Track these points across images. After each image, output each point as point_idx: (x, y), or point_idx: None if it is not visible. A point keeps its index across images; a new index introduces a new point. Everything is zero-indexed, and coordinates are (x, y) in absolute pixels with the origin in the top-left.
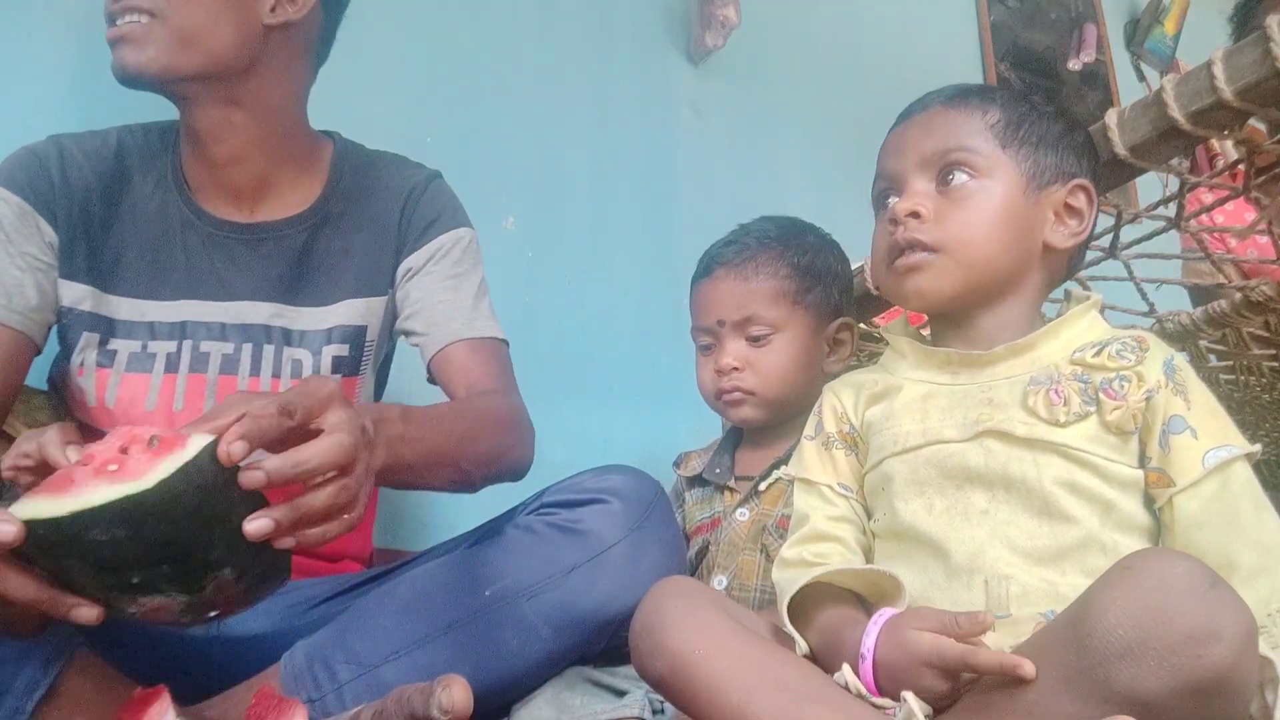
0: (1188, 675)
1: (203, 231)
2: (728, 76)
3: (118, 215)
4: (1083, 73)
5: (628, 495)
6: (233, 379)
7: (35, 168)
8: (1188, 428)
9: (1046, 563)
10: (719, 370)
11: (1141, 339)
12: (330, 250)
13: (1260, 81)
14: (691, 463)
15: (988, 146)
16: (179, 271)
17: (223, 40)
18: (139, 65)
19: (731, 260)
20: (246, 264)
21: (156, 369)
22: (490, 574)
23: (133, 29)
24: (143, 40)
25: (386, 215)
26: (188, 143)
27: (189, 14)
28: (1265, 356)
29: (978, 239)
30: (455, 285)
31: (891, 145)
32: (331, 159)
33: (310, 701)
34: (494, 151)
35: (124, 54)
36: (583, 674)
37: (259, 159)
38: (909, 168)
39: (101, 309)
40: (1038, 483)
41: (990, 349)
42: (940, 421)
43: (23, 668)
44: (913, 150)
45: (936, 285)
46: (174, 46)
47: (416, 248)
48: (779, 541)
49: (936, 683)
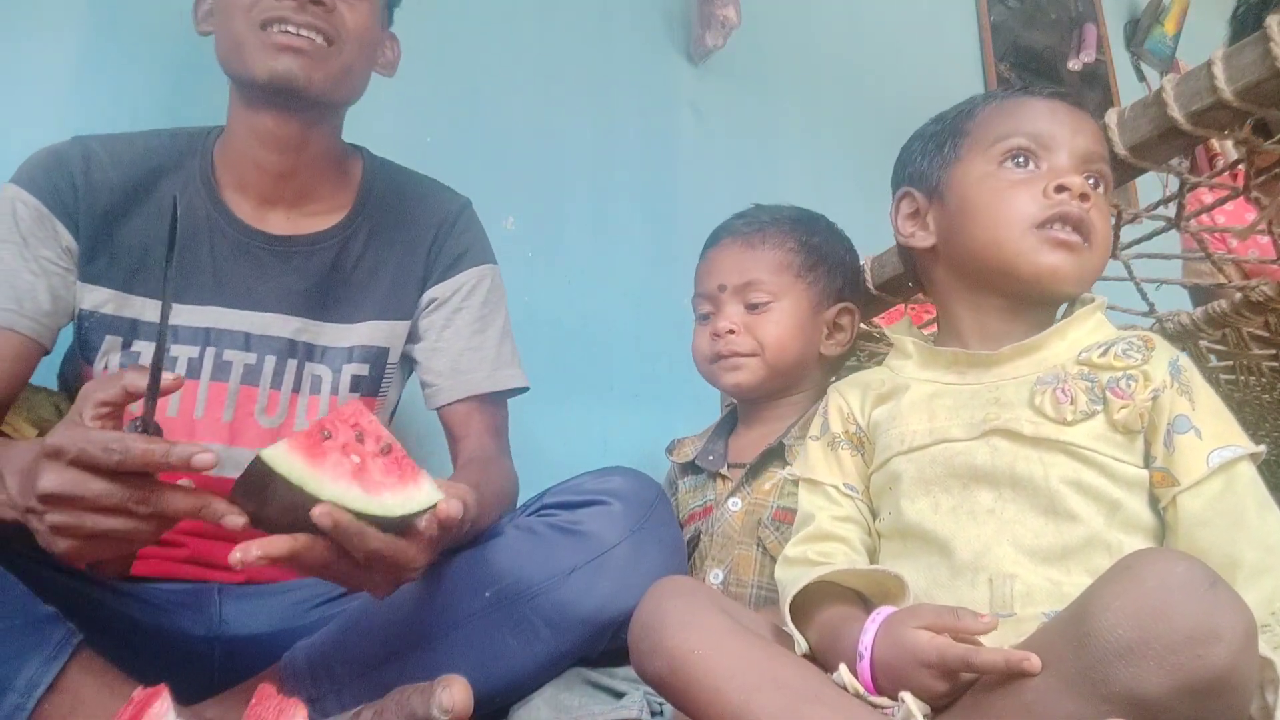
0: (1187, 675)
1: (232, 238)
2: (728, 76)
3: (142, 216)
4: (1083, 73)
5: (628, 497)
6: (253, 390)
7: (57, 170)
8: (1192, 428)
9: (1051, 562)
10: (715, 333)
11: (1148, 339)
12: (358, 268)
13: (1260, 81)
14: (685, 449)
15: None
16: (205, 276)
17: (364, 79)
18: (308, 80)
19: (740, 230)
20: (276, 276)
21: (177, 373)
22: (491, 575)
23: (313, 47)
24: (319, 62)
25: (418, 241)
26: (242, 149)
27: (356, 53)
28: (1265, 356)
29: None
30: (482, 328)
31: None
32: (361, 175)
33: (310, 701)
34: (494, 151)
35: (295, 65)
36: (581, 675)
37: (308, 172)
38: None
39: (124, 311)
40: (1044, 481)
41: (997, 350)
42: (947, 421)
43: (25, 664)
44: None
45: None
46: (339, 76)
47: (444, 279)
48: (775, 535)
49: (934, 682)
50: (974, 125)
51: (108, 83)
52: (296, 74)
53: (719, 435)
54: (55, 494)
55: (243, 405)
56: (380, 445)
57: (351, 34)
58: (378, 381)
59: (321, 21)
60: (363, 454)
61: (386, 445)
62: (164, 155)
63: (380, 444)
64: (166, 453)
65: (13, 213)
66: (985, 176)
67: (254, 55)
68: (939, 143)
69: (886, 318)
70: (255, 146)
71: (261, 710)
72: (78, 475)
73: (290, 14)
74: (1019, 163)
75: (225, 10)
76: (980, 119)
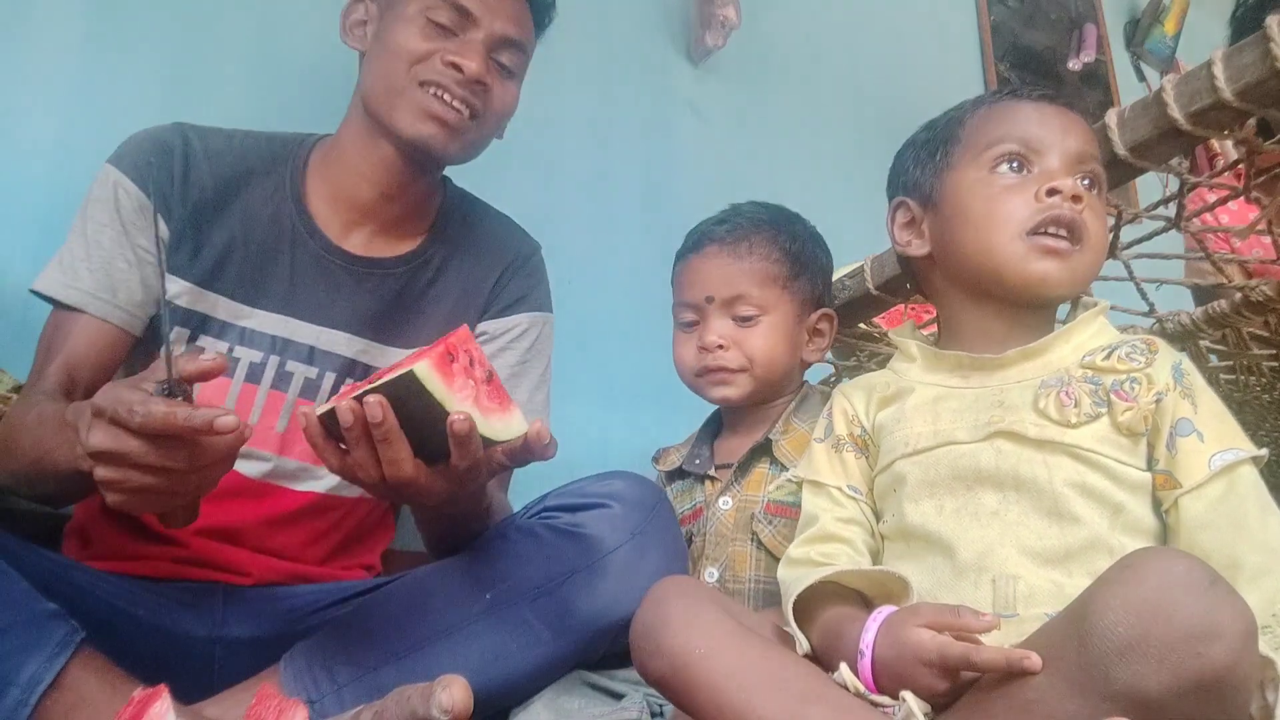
0: (1188, 673)
1: (313, 251)
2: (728, 76)
3: (229, 216)
4: (1083, 73)
5: (629, 500)
6: (309, 404)
7: (159, 157)
8: (1195, 430)
9: (1054, 564)
10: (703, 347)
11: (1150, 342)
12: (425, 296)
13: (1260, 81)
14: (670, 457)
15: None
16: (283, 284)
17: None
18: (444, 150)
19: (724, 238)
20: (349, 294)
21: (238, 375)
22: (491, 577)
23: (460, 121)
24: (460, 134)
25: (485, 275)
26: (349, 167)
27: (493, 129)
28: (1265, 356)
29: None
30: (520, 373)
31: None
32: (441, 204)
33: (310, 702)
34: (494, 151)
35: (440, 135)
36: (581, 677)
37: (404, 204)
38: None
39: (197, 305)
40: (1048, 484)
41: (1002, 353)
42: (952, 423)
43: (27, 661)
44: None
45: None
46: (474, 147)
47: (499, 316)
48: (770, 529)
49: (935, 681)
50: (964, 132)
51: (108, 83)
52: (438, 143)
53: (704, 440)
54: (99, 450)
55: (296, 417)
56: (485, 372)
57: (495, 113)
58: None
59: (476, 100)
60: (475, 379)
61: (489, 373)
62: (256, 158)
63: (485, 370)
64: (189, 416)
65: (114, 199)
66: (977, 183)
67: (404, 110)
68: (931, 150)
69: (887, 318)
70: (364, 171)
71: (261, 710)
72: (118, 433)
73: (452, 85)
74: (1012, 167)
75: (388, 48)
76: (970, 125)
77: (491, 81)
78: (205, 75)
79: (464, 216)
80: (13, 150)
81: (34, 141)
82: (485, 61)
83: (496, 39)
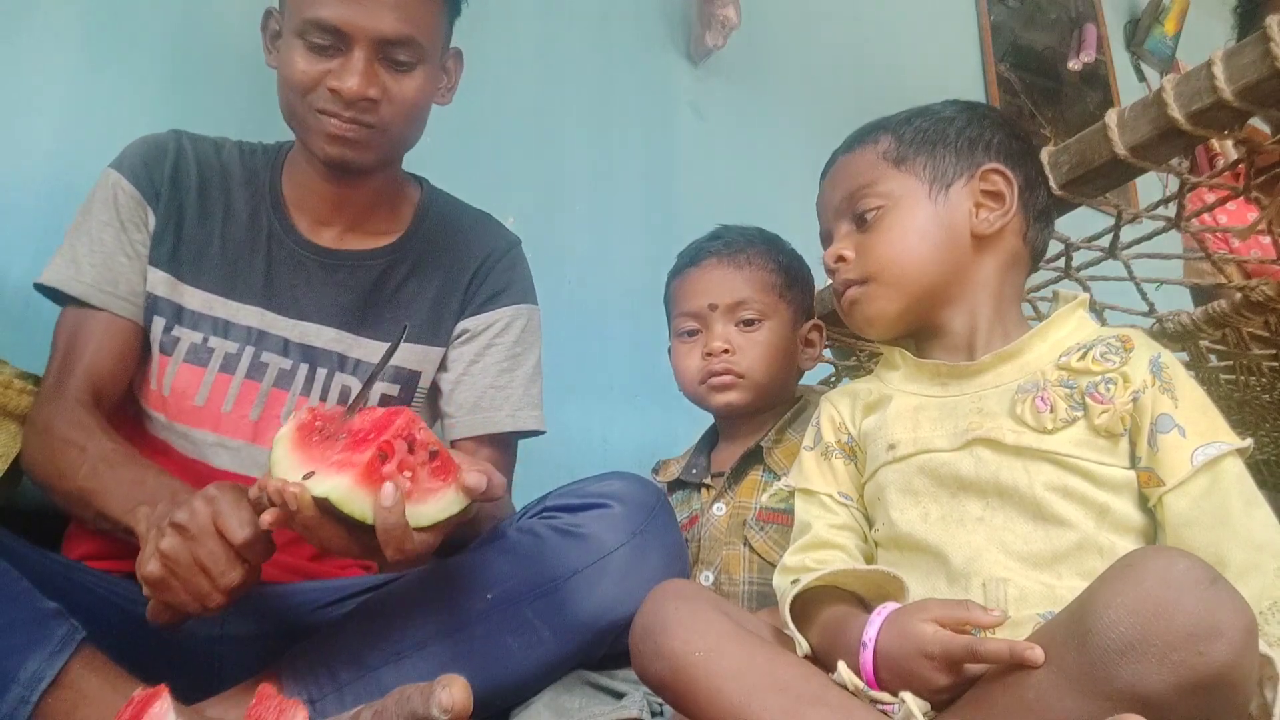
0: (1189, 672)
1: (287, 247)
2: (728, 76)
3: (211, 216)
4: (1083, 73)
5: (629, 500)
6: (284, 394)
7: (153, 158)
8: (1176, 426)
9: (1043, 566)
10: (709, 353)
11: (1126, 339)
12: (401, 291)
13: (1260, 81)
14: (670, 468)
15: (882, 173)
16: (257, 278)
17: (420, 129)
18: (361, 161)
19: (722, 251)
20: (320, 286)
21: (212, 365)
22: (492, 577)
23: (363, 135)
24: (369, 146)
25: (461, 271)
26: (302, 178)
27: (406, 125)
28: (1265, 356)
29: (896, 257)
30: (511, 367)
31: (818, 205)
32: (418, 202)
33: (310, 702)
34: (494, 151)
35: (348, 152)
36: (581, 677)
37: (363, 202)
38: (830, 221)
39: (173, 295)
40: (1029, 489)
41: (976, 358)
42: (931, 431)
43: (28, 659)
44: (828, 205)
45: (876, 310)
46: (391, 148)
47: (479, 312)
48: (761, 535)
49: (937, 675)
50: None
51: (108, 83)
52: (350, 159)
53: (701, 451)
54: (181, 525)
55: (270, 407)
56: (428, 452)
57: (400, 112)
58: (406, 404)
59: (368, 115)
60: (413, 466)
61: (432, 452)
62: (239, 167)
63: (428, 450)
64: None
65: (114, 198)
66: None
67: (310, 135)
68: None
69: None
70: (314, 175)
71: (262, 710)
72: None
73: (340, 110)
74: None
75: (283, 76)
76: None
77: (380, 91)
78: (205, 76)
79: (441, 215)
80: (13, 150)
81: (34, 141)
82: (365, 76)
83: (377, 44)
